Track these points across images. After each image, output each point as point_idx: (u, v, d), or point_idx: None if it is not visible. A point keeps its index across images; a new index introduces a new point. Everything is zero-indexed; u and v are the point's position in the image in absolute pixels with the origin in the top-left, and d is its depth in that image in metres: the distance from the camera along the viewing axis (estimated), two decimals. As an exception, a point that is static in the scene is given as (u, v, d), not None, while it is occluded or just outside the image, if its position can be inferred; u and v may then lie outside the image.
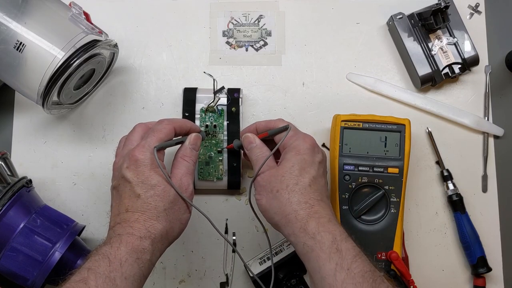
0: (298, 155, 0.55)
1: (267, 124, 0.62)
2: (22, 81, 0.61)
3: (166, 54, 0.73)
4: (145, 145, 0.54)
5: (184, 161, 0.56)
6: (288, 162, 0.55)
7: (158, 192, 0.52)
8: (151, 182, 0.52)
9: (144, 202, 0.51)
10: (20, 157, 0.70)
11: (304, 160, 0.55)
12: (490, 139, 0.72)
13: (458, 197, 0.69)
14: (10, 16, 0.59)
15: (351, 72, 0.73)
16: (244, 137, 0.61)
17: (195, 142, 0.58)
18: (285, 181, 0.54)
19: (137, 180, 0.52)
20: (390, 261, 0.63)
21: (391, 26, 0.73)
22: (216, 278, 0.69)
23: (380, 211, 0.64)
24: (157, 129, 0.56)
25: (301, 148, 0.56)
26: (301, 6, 0.75)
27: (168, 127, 0.56)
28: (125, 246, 0.49)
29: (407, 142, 0.65)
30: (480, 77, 0.74)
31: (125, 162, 0.54)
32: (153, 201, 0.52)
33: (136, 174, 0.52)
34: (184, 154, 0.57)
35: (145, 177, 0.52)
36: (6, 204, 0.59)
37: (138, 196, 0.52)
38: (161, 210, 0.52)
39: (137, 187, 0.52)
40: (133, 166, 0.53)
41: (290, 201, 0.53)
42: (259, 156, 0.58)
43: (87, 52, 0.60)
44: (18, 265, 0.59)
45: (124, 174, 0.53)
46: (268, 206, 0.55)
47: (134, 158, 0.53)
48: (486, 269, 0.67)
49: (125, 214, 0.52)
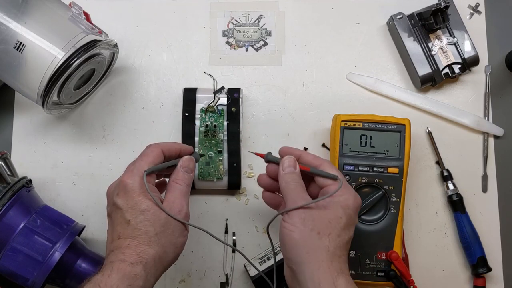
0: (347, 209, 0.53)
1: (314, 159, 0.57)
2: (22, 81, 0.61)
3: (166, 54, 0.73)
4: (134, 170, 0.53)
5: (177, 184, 0.55)
6: (337, 211, 0.52)
7: (148, 217, 0.51)
8: (140, 207, 0.51)
9: (134, 228, 0.51)
10: (20, 157, 0.70)
11: (351, 217, 0.53)
12: (490, 139, 0.72)
13: (458, 197, 0.69)
14: (10, 16, 0.59)
15: (351, 72, 0.73)
16: (286, 158, 0.56)
17: (187, 164, 0.57)
18: (329, 228, 0.51)
19: (127, 206, 0.51)
20: (390, 261, 0.63)
21: (391, 26, 0.73)
22: (216, 278, 0.69)
23: (380, 211, 0.64)
24: (144, 153, 0.55)
25: (350, 204, 0.53)
26: (301, 6, 0.75)
27: (156, 150, 0.55)
28: (116, 273, 0.48)
29: (407, 142, 0.65)
30: (480, 77, 0.74)
31: (116, 189, 0.53)
32: (143, 226, 0.51)
33: (125, 200, 0.52)
34: (176, 177, 0.56)
35: (134, 202, 0.51)
36: (6, 204, 0.59)
37: (128, 222, 0.51)
38: (152, 234, 0.51)
39: (127, 213, 0.51)
40: (122, 192, 0.52)
41: (328, 249, 0.50)
42: (293, 185, 0.54)
43: (87, 52, 0.60)
44: (18, 265, 0.59)
45: (115, 201, 0.52)
46: (301, 242, 0.51)
47: (123, 184, 0.52)
48: (486, 269, 0.67)
49: (117, 241, 0.51)
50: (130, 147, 0.71)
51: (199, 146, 0.68)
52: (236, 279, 0.68)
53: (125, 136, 0.71)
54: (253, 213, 0.70)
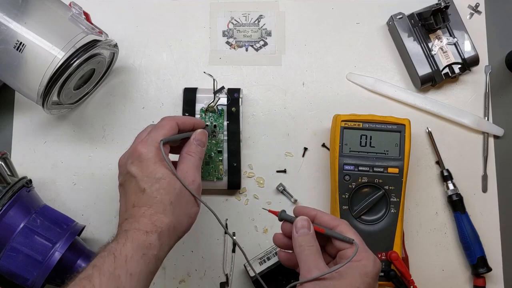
0: (365, 277, 0.49)
1: (331, 220, 0.54)
2: (22, 81, 0.61)
3: (166, 54, 0.73)
4: (148, 140, 0.53)
5: (190, 156, 0.56)
6: (354, 280, 0.49)
7: (163, 185, 0.51)
8: (156, 176, 0.51)
9: (149, 196, 0.51)
10: (20, 157, 0.70)
11: (369, 285, 0.50)
12: (490, 139, 0.72)
13: (458, 197, 0.69)
14: (10, 16, 0.59)
15: (351, 72, 0.73)
16: (300, 218, 0.53)
17: (200, 138, 0.57)
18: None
19: (142, 175, 0.51)
20: (390, 261, 0.63)
21: (391, 26, 0.73)
22: (216, 278, 0.69)
23: (380, 211, 0.64)
24: (160, 125, 0.56)
25: (369, 271, 0.50)
26: (301, 6, 0.75)
27: (170, 123, 0.56)
28: (131, 242, 0.48)
29: (407, 142, 0.65)
30: (480, 77, 0.74)
31: (130, 158, 0.53)
32: (159, 194, 0.51)
33: (140, 168, 0.52)
34: (189, 149, 0.56)
35: (150, 171, 0.51)
36: (6, 204, 0.59)
37: (144, 191, 0.51)
38: (167, 203, 0.51)
39: (142, 182, 0.51)
40: (137, 161, 0.52)
41: None
42: (307, 250, 0.51)
43: (87, 52, 0.60)
44: (18, 265, 0.59)
45: (129, 169, 0.52)
46: None
47: (137, 153, 0.53)
48: (486, 269, 0.67)
49: (131, 210, 0.51)
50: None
51: (199, 146, 0.68)
52: (236, 279, 0.68)
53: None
54: (253, 213, 0.70)
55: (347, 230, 0.52)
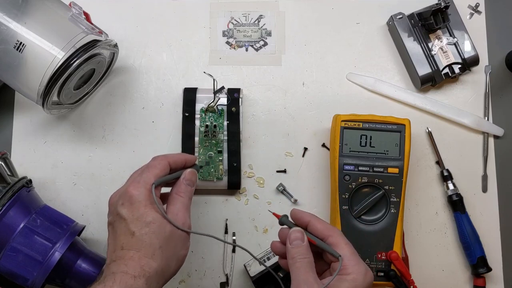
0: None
1: (324, 229, 0.53)
2: (22, 81, 0.61)
3: (166, 54, 0.74)
4: (140, 181, 0.52)
5: (179, 197, 0.55)
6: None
7: (153, 229, 0.50)
8: (146, 219, 0.51)
9: (139, 240, 0.50)
10: (20, 157, 0.70)
11: None
12: (490, 139, 0.72)
13: (458, 197, 0.69)
14: (10, 16, 0.59)
15: (351, 72, 0.73)
16: (293, 230, 0.53)
17: (190, 177, 0.56)
18: None
19: (132, 217, 0.51)
20: (390, 261, 0.63)
21: (391, 26, 0.73)
22: (216, 278, 0.69)
23: (380, 211, 0.64)
24: (152, 165, 0.55)
25: (358, 284, 0.50)
26: (301, 6, 0.75)
27: (162, 162, 0.55)
28: (118, 285, 0.48)
29: (407, 142, 0.65)
30: (480, 77, 0.74)
31: (121, 198, 0.52)
32: (148, 238, 0.50)
33: (131, 211, 0.51)
34: (178, 190, 0.55)
35: (140, 214, 0.51)
36: (6, 204, 0.59)
37: (133, 234, 0.50)
38: (156, 247, 0.50)
39: (132, 224, 0.50)
40: (128, 203, 0.51)
41: None
42: (298, 263, 0.51)
43: (87, 52, 0.60)
44: (18, 265, 0.59)
45: (119, 211, 0.52)
46: None
47: (128, 194, 0.52)
48: (486, 269, 0.67)
49: (120, 252, 0.50)
50: (130, 147, 0.71)
51: (199, 146, 0.68)
52: (236, 279, 0.68)
53: (125, 136, 0.71)
54: (253, 213, 0.70)
55: (339, 241, 0.52)
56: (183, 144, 0.68)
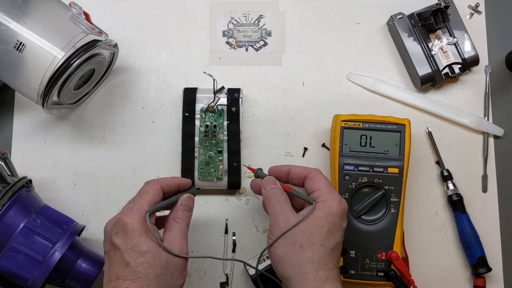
0: (330, 216, 0.53)
1: (302, 170, 0.58)
2: (22, 81, 0.61)
3: (166, 54, 0.74)
4: (133, 209, 0.52)
5: (176, 223, 0.54)
6: (319, 220, 0.53)
7: (148, 259, 0.50)
8: (140, 249, 0.50)
9: (134, 270, 0.50)
10: (20, 157, 0.70)
11: (335, 223, 0.53)
12: (490, 139, 0.72)
13: (458, 197, 0.69)
14: (10, 16, 0.59)
15: (351, 72, 0.73)
16: (266, 178, 0.58)
17: (187, 203, 0.56)
18: (311, 239, 0.52)
19: (126, 247, 0.50)
20: (390, 261, 0.63)
21: (391, 26, 0.73)
22: (216, 278, 0.69)
23: (380, 211, 0.64)
24: (144, 191, 0.54)
25: (334, 210, 0.53)
26: (301, 6, 0.75)
27: (155, 187, 0.54)
28: None
29: (407, 142, 0.65)
30: (480, 77, 0.74)
31: (115, 227, 0.52)
32: (143, 268, 0.50)
33: (125, 240, 0.51)
34: (175, 215, 0.55)
35: (134, 243, 0.50)
36: (6, 204, 0.59)
37: (128, 264, 0.50)
38: (152, 277, 0.50)
39: (126, 255, 0.50)
40: (122, 232, 0.51)
41: (312, 260, 0.51)
42: (274, 201, 0.56)
43: (87, 52, 0.60)
44: (18, 265, 0.59)
45: (114, 240, 0.51)
46: (285, 258, 0.52)
47: (122, 223, 0.51)
48: (486, 269, 0.67)
49: (115, 282, 0.50)
50: (130, 147, 0.71)
51: (199, 146, 0.68)
52: (236, 279, 0.68)
53: (125, 136, 0.71)
54: (253, 213, 0.70)
55: (317, 176, 0.56)
56: (183, 144, 0.68)
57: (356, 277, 0.64)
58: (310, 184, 0.56)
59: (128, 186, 0.70)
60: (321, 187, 0.55)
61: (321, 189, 0.55)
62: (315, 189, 0.56)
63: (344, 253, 0.64)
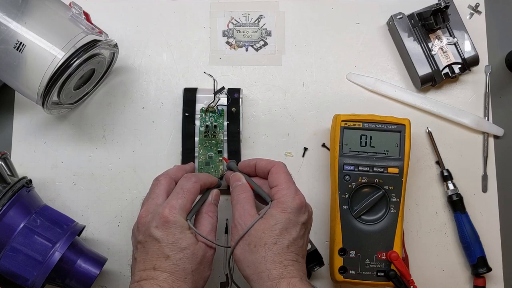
0: (283, 213, 0.54)
1: (267, 164, 0.60)
2: (22, 81, 0.61)
3: (166, 54, 0.74)
4: (176, 207, 0.54)
5: (209, 217, 0.58)
6: (272, 219, 0.54)
7: (187, 254, 0.53)
8: (181, 245, 0.53)
9: (173, 264, 0.52)
10: (20, 157, 0.70)
11: (289, 219, 0.54)
12: (490, 139, 0.72)
13: (458, 197, 0.69)
14: (10, 16, 0.59)
15: (351, 72, 0.73)
16: (233, 175, 0.61)
17: (217, 198, 0.60)
18: (264, 238, 0.53)
19: (167, 242, 0.53)
20: (390, 261, 0.63)
21: (391, 26, 0.73)
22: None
23: (380, 211, 0.64)
24: (187, 190, 0.56)
25: (288, 206, 0.55)
26: (301, 6, 0.75)
27: (196, 187, 0.57)
28: None
29: (407, 142, 0.65)
30: (480, 77, 0.74)
31: (154, 220, 0.54)
32: (182, 263, 0.53)
33: (166, 235, 0.53)
34: (208, 209, 0.59)
35: (175, 239, 0.53)
36: (6, 204, 0.59)
37: (168, 257, 0.53)
38: (189, 271, 0.53)
39: (167, 248, 0.53)
40: (164, 227, 0.53)
41: (265, 259, 0.53)
42: (237, 196, 0.58)
43: (87, 52, 0.60)
44: (18, 265, 0.59)
45: (153, 232, 0.53)
46: (242, 258, 0.54)
47: (164, 219, 0.53)
48: (486, 269, 0.67)
49: (152, 272, 0.52)
50: (130, 147, 0.71)
51: (199, 146, 0.68)
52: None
53: (125, 136, 0.71)
54: (253, 213, 0.70)
55: (278, 171, 0.58)
56: (183, 144, 0.68)
57: (356, 277, 0.64)
58: (271, 179, 0.58)
59: (128, 186, 0.70)
60: (279, 182, 0.57)
61: (279, 185, 0.57)
62: (274, 185, 0.57)
63: (344, 253, 0.64)
